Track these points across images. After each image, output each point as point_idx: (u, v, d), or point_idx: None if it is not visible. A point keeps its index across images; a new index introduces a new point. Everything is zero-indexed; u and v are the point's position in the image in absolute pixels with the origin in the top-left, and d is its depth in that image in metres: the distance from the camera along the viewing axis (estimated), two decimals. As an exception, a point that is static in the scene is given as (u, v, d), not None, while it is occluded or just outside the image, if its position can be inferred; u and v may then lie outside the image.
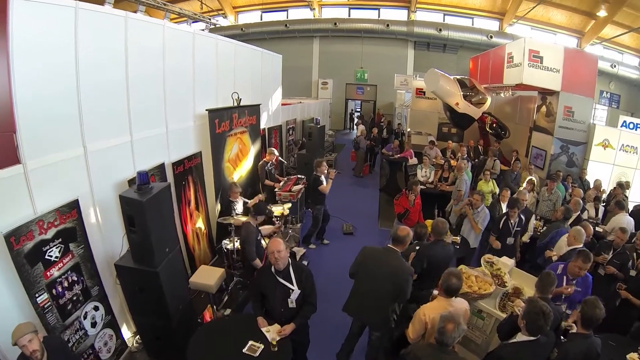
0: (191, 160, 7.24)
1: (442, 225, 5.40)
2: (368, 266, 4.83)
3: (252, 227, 5.97)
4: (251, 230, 5.91)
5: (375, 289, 4.73)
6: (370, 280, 4.79)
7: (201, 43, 7.57)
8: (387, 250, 4.90)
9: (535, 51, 11.16)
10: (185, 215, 7.16)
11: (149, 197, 4.42)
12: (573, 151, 11.98)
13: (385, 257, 4.79)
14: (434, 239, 5.50)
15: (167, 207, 5.02)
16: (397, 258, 4.78)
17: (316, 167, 8.82)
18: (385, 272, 4.66)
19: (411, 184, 7.61)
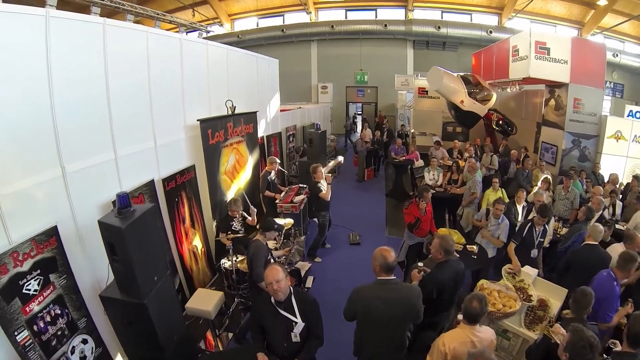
0: (184, 174, 6.81)
1: (449, 242, 4.67)
2: (373, 313, 3.93)
3: (262, 244, 5.50)
4: (260, 248, 5.43)
5: (390, 336, 4.00)
6: (382, 328, 3.95)
7: (189, 49, 7.13)
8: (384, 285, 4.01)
9: (542, 42, 10.69)
10: (180, 234, 6.73)
11: (130, 222, 3.95)
12: (585, 145, 11.49)
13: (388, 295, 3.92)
14: (443, 259, 4.68)
15: (153, 231, 4.53)
16: (399, 288, 4.03)
17: (312, 173, 8.42)
18: (397, 312, 3.90)
19: (421, 190, 7.01)
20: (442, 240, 4.56)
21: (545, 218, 6.37)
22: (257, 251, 5.38)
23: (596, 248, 5.70)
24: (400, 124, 22.60)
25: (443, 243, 4.55)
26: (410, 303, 3.88)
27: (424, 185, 7.86)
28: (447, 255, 4.60)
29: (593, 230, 5.77)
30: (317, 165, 8.50)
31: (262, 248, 5.43)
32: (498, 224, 6.89)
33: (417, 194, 6.96)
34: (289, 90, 26.40)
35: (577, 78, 11.08)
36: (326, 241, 9.29)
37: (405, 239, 7.25)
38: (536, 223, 6.37)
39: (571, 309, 4.05)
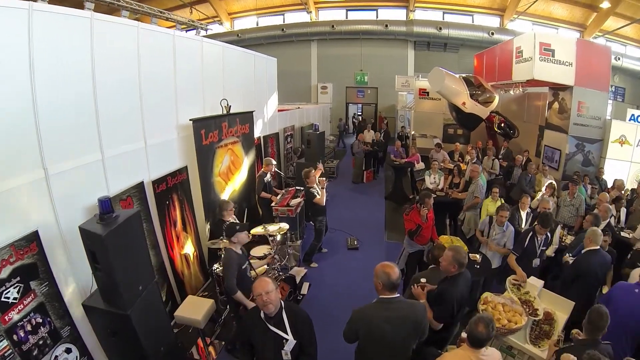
0: (175, 176, 6.56)
1: (463, 254, 4.22)
2: (376, 335, 3.55)
3: (233, 253, 5.13)
4: (230, 258, 5.08)
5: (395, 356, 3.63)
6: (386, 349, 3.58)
7: (183, 45, 6.88)
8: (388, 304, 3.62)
9: (546, 44, 10.43)
10: (170, 238, 6.48)
11: (112, 229, 3.73)
12: (589, 149, 11.24)
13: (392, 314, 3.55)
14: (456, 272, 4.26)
15: (138, 237, 4.29)
16: (403, 307, 3.65)
17: (305, 177, 8.20)
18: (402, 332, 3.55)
19: (422, 196, 6.72)
20: (456, 253, 4.17)
21: (547, 228, 6.08)
22: (226, 261, 5.10)
23: (600, 252, 5.57)
24: (400, 125, 22.37)
25: (457, 256, 4.16)
26: (416, 321, 3.57)
27: (426, 191, 7.49)
28: (460, 268, 4.22)
29: (593, 234, 5.61)
30: (309, 170, 8.30)
31: (233, 257, 5.08)
32: (503, 231, 6.64)
33: (418, 200, 6.67)
34: (288, 90, 26.44)
35: (582, 81, 10.83)
36: (323, 246, 9.03)
37: (405, 247, 6.96)
38: (538, 232, 6.07)
39: (585, 330, 3.76)
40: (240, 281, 5.07)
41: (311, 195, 8.05)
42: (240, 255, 5.22)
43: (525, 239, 6.12)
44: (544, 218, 6.07)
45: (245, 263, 5.31)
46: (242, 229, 5.19)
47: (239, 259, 5.14)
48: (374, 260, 8.84)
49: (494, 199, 7.87)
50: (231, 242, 5.14)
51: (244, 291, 5.07)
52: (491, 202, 7.86)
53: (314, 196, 8.02)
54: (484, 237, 6.94)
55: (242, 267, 5.15)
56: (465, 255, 4.20)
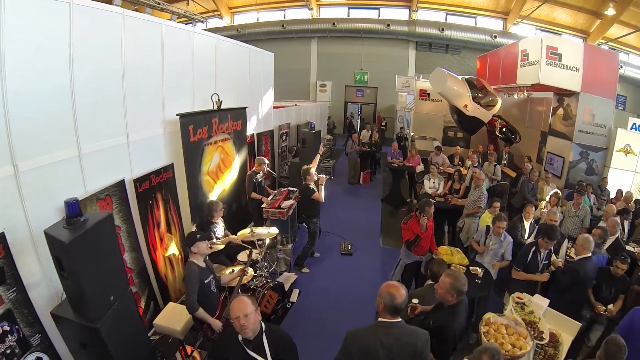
0: (160, 174, 6.14)
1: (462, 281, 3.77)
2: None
3: (195, 266, 4.72)
4: (192, 271, 4.67)
5: None
6: None
7: (172, 36, 6.45)
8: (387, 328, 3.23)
9: (554, 48, 10.07)
10: (153, 239, 6.08)
11: (78, 235, 3.36)
12: (593, 158, 10.89)
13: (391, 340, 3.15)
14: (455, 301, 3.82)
15: (109, 244, 3.90)
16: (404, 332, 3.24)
17: (304, 176, 7.90)
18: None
19: (423, 204, 6.23)
20: (454, 280, 3.73)
21: (553, 241, 5.68)
22: (186, 275, 4.70)
23: (592, 259, 5.64)
24: (399, 126, 22.01)
25: (455, 284, 3.72)
26: (416, 351, 3.15)
27: (426, 198, 6.98)
28: (459, 297, 3.80)
29: (585, 241, 5.60)
30: (308, 168, 7.97)
31: (193, 271, 4.67)
32: (500, 241, 6.29)
33: (418, 208, 6.24)
34: (286, 87, 26.26)
35: (588, 87, 10.48)
36: (315, 250, 8.64)
37: (402, 257, 6.55)
38: (541, 246, 5.68)
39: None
40: (203, 297, 4.69)
41: (309, 191, 7.70)
42: (202, 268, 4.83)
43: (528, 253, 5.72)
44: (550, 230, 5.66)
45: (209, 277, 4.90)
46: (202, 238, 4.83)
47: (200, 272, 4.75)
48: (368, 267, 8.73)
49: (492, 213, 7.24)
50: (191, 252, 4.77)
51: (208, 308, 4.73)
52: (490, 217, 7.17)
53: (312, 192, 7.70)
54: (480, 246, 6.60)
55: (204, 282, 4.75)
56: (465, 282, 3.78)
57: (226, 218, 7.78)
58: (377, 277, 7.95)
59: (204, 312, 4.63)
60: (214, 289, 5.00)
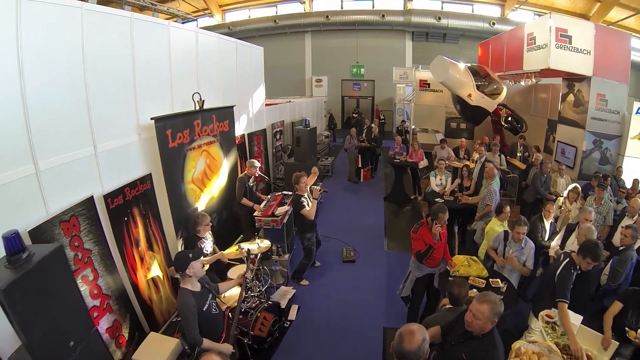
0: (135, 187, 5.45)
1: (499, 305, 3.10)
2: None
3: (189, 295, 3.99)
4: (187, 303, 3.92)
5: None
6: None
7: (144, 30, 5.74)
8: None
9: (563, 29, 9.38)
10: (132, 260, 5.40)
11: (18, 277, 2.73)
12: (607, 146, 10.22)
13: None
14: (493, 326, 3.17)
15: (62, 280, 3.26)
16: None
17: (295, 183, 6.96)
18: None
19: (436, 211, 5.40)
20: (493, 306, 3.05)
21: (597, 263, 4.67)
22: (181, 308, 3.96)
23: None
24: (400, 119, 21.31)
25: (495, 309, 3.06)
26: None
27: (439, 203, 6.09)
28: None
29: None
30: (300, 175, 7.01)
31: (188, 303, 3.92)
32: (521, 248, 5.54)
33: (430, 214, 5.50)
34: (282, 84, 26.30)
35: (601, 71, 9.81)
36: (315, 258, 7.87)
37: (412, 270, 5.80)
38: (582, 266, 4.62)
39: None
40: (205, 325, 4.00)
41: (299, 206, 6.85)
42: (198, 293, 4.11)
43: (569, 280, 4.58)
44: (594, 249, 4.56)
45: (207, 302, 4.17)
46: (196, 257, 4.11)
47: (197, 299, 4.03)
48: (373, 275, 7.89)
49: (501, 220, 6.42)
50: (185, 276, 4.05)
51: (212, 334, 4.09)
52: (498, 223, 6.39)
53: (302, 207, 6.83)
54: (499, 257, 5.77)
55: (203, 309, 4.04)
56: (501, 303, 3.10)
57: (216, 228, 7.14)
58: (382, 287, 7.30)
59: (210, 341, 3.99)
60: (215, 309, 4.30)
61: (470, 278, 5.23)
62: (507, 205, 6.47)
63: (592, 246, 4.55)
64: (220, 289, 4.76)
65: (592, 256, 4.48)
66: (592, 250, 4.48)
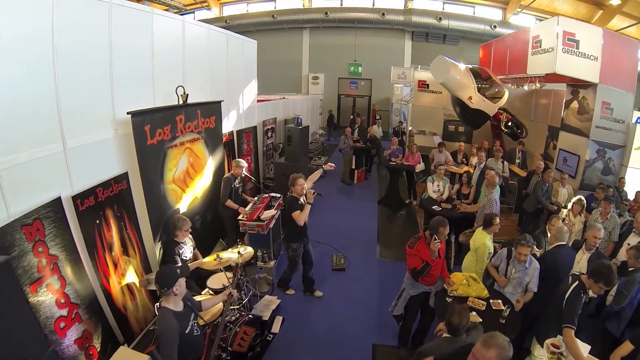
0: (109, 187, 5.01)
1: (508, 345, 2.73)
2: None
3: (171, 317, 3.53)
4: (169, 327, 3.45)
5: None
6: None
7: (123, 17, 5.25)
8: None
9: (571, 33, 8.96)
10: (104, 265, 4.97)
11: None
12: (610, 156, 9.82)
13: None
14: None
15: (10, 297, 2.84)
16: None
17: (291, 185, 6.31)
18: None
19: (436, 224, 4.93)
20: (501, 350, 2.68)
21: (609, 287, 4.25)
22: (161, 330, 3.48)
23: (567, 247, 5.54)
24: (397, 119, 20.91)
25: (504, 354, 2.70)
26: None
27: (439, 216, 5.26)
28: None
29: (558, 232, 5.48)
30: (298, 177, 6.30)
31: (170, 326, 3.45)
32: (525, 268, 5.04)
33: (429, 228, 5.02)
34: (278, 80, 26.03)
35: (607, 78, 9.39)
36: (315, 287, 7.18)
37: (406, 287, 5.32)
38: (592, 290, 4.22)
39: None
40: (186, 347, 3.54)
41: (291, 207, 6.21)
42: (180, 314, 3.66)
43: (578, 305, 4.17)
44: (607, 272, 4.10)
45: (189, 323, 3.71)
46: (184, 273, 3.69)
47: (179, 320, 3.57)
48: (364, 286, 7.37)
49: (489, 233, 5.85)
50: (170, 295, 3.60)
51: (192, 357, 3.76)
52: (489, 238, 5.85)
53: (294, 209, 6.19)
54: (500, 277, 5.29)
55: (185, 332, 3.59)
56: (510, 347, 2.69)
57: (199, 231, 6.70)
58: (373, 299, 6.89)
59: None
60: (197, 330, 3.85)
61: (469, 299, 4.80)
62: (497, 217, 5.89)
63: (605, 269, 4.10)
64: (203, 306, 4.36)
65: (605, 281, 4.05)
66: (605, 275, 4.05)
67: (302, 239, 6.50)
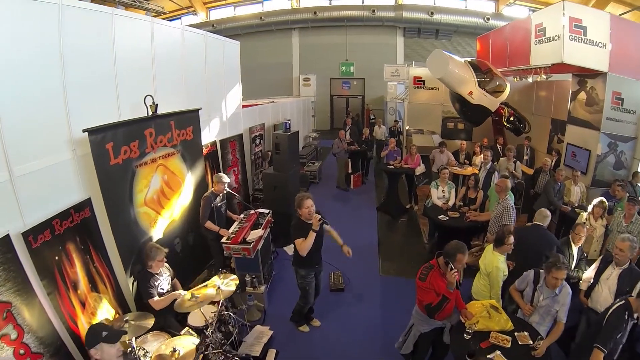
0: (69, 217, 4.35)
1: None
2: None
3: None
4: None
5: None
6: None
7: (78, 18, 4.57)
8: None
9: (577, 20, 8.25)
10: (70, 306, 4.33)
11: None
12: (622, 149, 9.12)
13: None
14: None
15: None
16: None
17: (297, 207, 5.31)
18: None
19: (453, 250, 4.15)
20: None
21: None
22: None
23: (542, 228, 5.73)
24: (392, 118, 20.20)
25: None
26: None
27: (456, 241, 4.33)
28: None
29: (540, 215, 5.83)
30: (304, 197, 5.30)
31: None
32: (555, 295, 4.29)
33: (444, 254, 4.21)
34: (268, 83, 25.86)
35: (617, 67, 8.69)
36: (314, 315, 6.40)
37: (416, 323, 4.55)
38: (636, 310, 3.66)
39: None
40: None
41: (295, 233, 5.26)
42: None
43: (619, 327, 3.62)
44: None
45: None
46: (111, 339, 3.06)
47: None
48: (365, 309, 6.55)
49: (502, 252, 5.01)
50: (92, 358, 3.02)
51: None
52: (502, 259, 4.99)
53: (297, 235, 5.21)
54: (526, 304, 4.54)
55: None
56: None
57: (180, 256, 6.03)
58: (376, 325, 6.17)
59: None
60: None
61: (491, 334, 4.02)
62: (511, 235, 4.96)
63: None
64: None
65: None
66: None
67: (312, 267, 5.61)
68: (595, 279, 4.94)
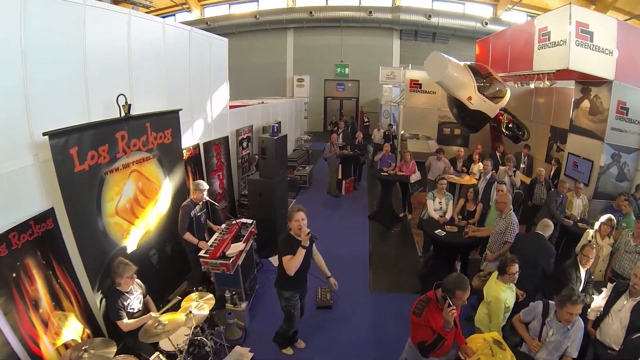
0: (28, 229, 3.92)
1: None
2: None
3: None
4: None
5: None
6: None
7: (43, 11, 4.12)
8: None
9: (584, 24, 7.89)
10: (29, 327, 3.93)
11: None
12: (625, 160, 8.80)
13: None
14: None
15: None
16: None
17: (288, 220, 4.86)
18: None
19: (452, 285, 3.65)
20: None
21: None
22: None
23: (541, 237, 5.63)
24: (386, 122, 19.80)
25: None
26: None
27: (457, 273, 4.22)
28: None
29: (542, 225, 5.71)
30: (295, 210, 4.82)
31: None
32: (566, 330, 3.88)
33: (443, 288, 3.72)
34: (261, 83, 25.51)
35: (623, 75, 8.37)
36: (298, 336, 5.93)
37: (409, 358, 4.07)
38: None
39: None
40: None
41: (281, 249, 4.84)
42: None
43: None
44: None
45: None
46: None
47: None
48: (354, 329, 6.04)
49: (506, 282, 4.58)
50: None
51: None
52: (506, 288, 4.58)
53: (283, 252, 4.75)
54: (533, 339, 4.08)
55: None
56: None
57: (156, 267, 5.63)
58: (366, 349, 5.69)
59: None
60: None
61: None
62: (515, 264, 4.51)
63: None
64: None
65: None
66: None
67: (297, 289, 5.14)
68: (605, 309, 4.52)
